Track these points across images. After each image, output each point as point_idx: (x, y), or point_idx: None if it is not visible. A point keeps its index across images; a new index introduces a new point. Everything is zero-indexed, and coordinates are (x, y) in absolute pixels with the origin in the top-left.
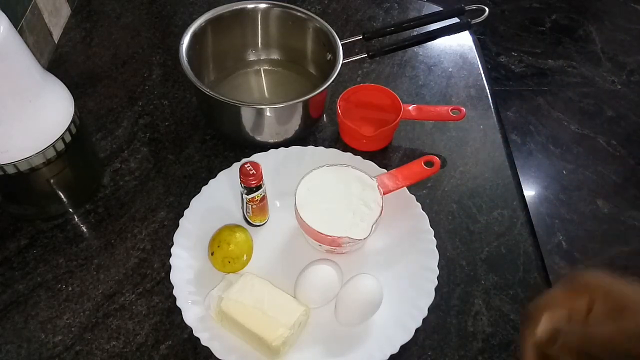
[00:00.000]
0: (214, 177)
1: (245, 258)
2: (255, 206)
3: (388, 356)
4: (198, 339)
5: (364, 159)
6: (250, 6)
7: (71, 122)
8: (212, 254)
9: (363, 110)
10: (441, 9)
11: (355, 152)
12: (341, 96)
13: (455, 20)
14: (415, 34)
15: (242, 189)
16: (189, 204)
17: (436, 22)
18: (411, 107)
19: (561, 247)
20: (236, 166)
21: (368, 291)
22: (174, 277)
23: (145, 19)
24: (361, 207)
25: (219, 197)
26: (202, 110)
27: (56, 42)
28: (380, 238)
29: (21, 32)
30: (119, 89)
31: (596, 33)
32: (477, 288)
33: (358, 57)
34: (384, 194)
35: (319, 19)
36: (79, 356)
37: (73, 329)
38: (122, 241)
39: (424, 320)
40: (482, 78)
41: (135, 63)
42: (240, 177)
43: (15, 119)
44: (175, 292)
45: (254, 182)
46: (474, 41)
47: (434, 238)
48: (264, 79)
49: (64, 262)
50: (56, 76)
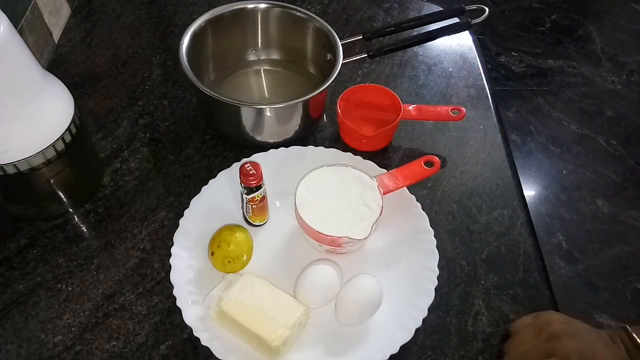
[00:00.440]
0: (214, 177)
1: (245, 258)
2: (255, 206)
3: (388, 356)
4: (198, 339)
5: (364, 159)
6: (250, 6)
7: (71, 122)
8: (212, 254)
9: (363, 110)
10: (441, 9)
11: (355, 152)
12: (341, 96)
13: (455, 20)
14: (415, 34)
15: (242, 189)
16: (189, 204)
17: (436, 22)
18: (411, 107)
19: (561, 247)
20: (236, 166)
21: (368, 291)
22: (174, 277)
23: (145, 19)
24: (361, 207)
25: (219, 197)
26: (202, 110)
27: (56, 42)
28: (380, 238)
29: (21, 32)
30: (119, 89)
31: (596, 33)
32: (477, 288)
33: (358, 57)
34: (384, 194)
35: (319, 19)
36: (79, 356)
37: (73, 329)
38: (122, 241)
39: (424, 320)
40: (482, 78)
41: (135, 63)
42: (240, 177)
43: (15, 119)
44: (175, 292)
45: (254, 182)
46: (474, 41)
47: (434, 238)
48: (264, 79)
49: (64, 262)
50: (56, 76)
